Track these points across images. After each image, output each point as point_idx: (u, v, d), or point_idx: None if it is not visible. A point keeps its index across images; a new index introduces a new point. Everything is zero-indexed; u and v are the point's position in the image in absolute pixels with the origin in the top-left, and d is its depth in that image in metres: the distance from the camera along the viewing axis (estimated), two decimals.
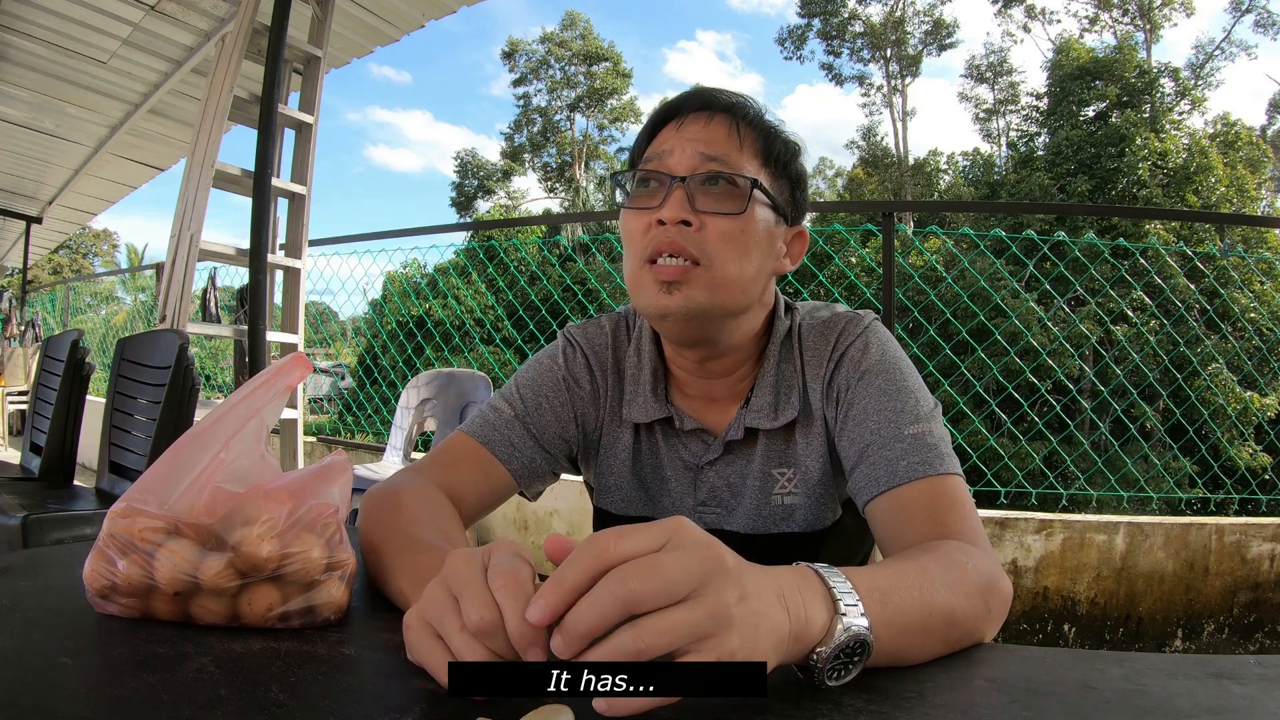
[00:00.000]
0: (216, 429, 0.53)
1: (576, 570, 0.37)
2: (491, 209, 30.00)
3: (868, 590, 0.45)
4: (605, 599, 0.36)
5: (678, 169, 0.71)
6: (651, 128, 0.77)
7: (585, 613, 0.36)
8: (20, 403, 6.22)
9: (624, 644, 0.36)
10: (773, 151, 0.74)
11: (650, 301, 0.71)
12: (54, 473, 2.15)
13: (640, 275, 0.72)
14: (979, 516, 0.66)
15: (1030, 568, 2.44)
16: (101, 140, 5.40)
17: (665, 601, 0.36)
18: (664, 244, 0.69)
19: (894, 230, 2.68)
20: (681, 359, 0.79)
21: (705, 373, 0.79)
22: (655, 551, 0.38)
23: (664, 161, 0.72)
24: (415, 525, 0.62)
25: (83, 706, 0.38)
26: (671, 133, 0.74)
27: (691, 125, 0.73)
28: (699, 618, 0.36)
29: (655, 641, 0.36)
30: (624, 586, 0.36)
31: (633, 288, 0.74)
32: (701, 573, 0.37)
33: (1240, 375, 9.79)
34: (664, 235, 0.70)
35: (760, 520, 0.79)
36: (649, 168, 0.73)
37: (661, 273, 0.70)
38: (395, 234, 3.98)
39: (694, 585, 0.37)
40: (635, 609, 0.36)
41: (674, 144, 0.73)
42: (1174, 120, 18.36)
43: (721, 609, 0.37)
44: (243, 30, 2.88)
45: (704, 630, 0.36)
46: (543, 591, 0.38)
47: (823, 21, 26.88)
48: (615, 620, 0.36)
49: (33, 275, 11.47)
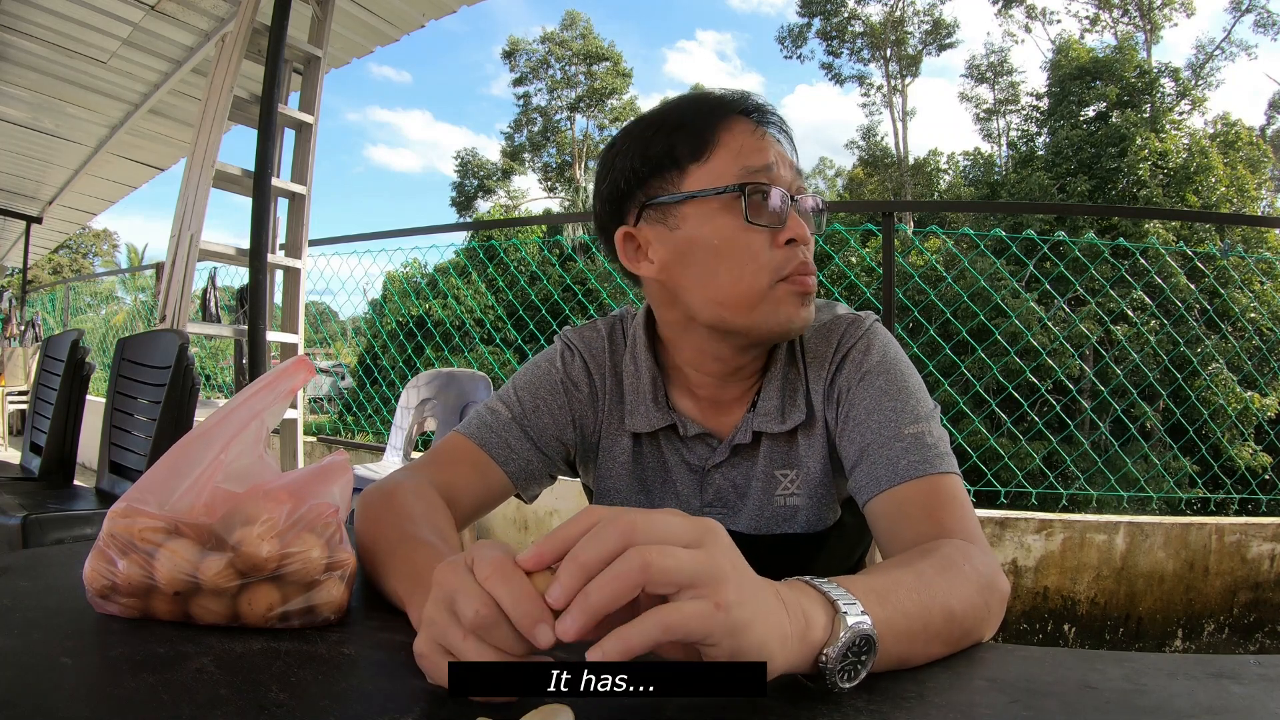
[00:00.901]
0: (218, 430, 0.53)
1: (572, 527, 0.39)
2: (492, 209, 30.01)
3: (864, 593, 0.45)
4: (607, 532, 0.37)
5: (792, 188, 0.72)
6: (712, 120, 0.72)
7: (586, 545, 0.37)
8: (20, 403, 6.22)
9: (630, 559, 0.36)
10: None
11: (788, 317, 0.72)
12: (54, 473, 2.15)
13: (772, 292, 0.71)
14: (976, 515, 0.66)
15: (1030, 568, 2.44)
16: (101, 140, 5.41)
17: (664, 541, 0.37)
18: (803, 264, 0.72)
19: (894, 230, 2.68)
20: (715, 364, 0.77)
21: (734, 376, 0.78)
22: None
23: (776, 174, 0.71)
24: (411, 523, 0.62)
25: (83, 706, 0.38)
26: (757, 140, 0.72)
27: (768, 135, 0.73)
28: (698, 559, 0.37)
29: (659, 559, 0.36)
30: (622, 519, 0.38)
31: (751, 304, 0.71)
32: (698, 531, 0.39)
33: (1240, 375, 9.79)
34: (799, 255, 0.72)
35: (763, 521, 0.79)
36: (766, 180, 0.70)
37: (805, 285, 0.72)
38: (395, 234, 3.98)
39: (691, 539, 0.38)
40: (636, 541, 0.37)
41: (773, 156, 0.72)
42: (1174, 120, 18.37)
43: (719, 562, 0.38)
44: (243, 30, 2.88)
45: (704, 574, 0.37)
46: (538, 543, 0.39)
47: (822, 21, 26.89)
48: (616, 552, 0.37)
49: (33, 275, 11.47)
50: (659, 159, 0.72)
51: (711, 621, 0.36)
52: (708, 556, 0.37)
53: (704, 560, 0.37)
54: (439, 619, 0.41)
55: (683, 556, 0.36)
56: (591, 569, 0.36)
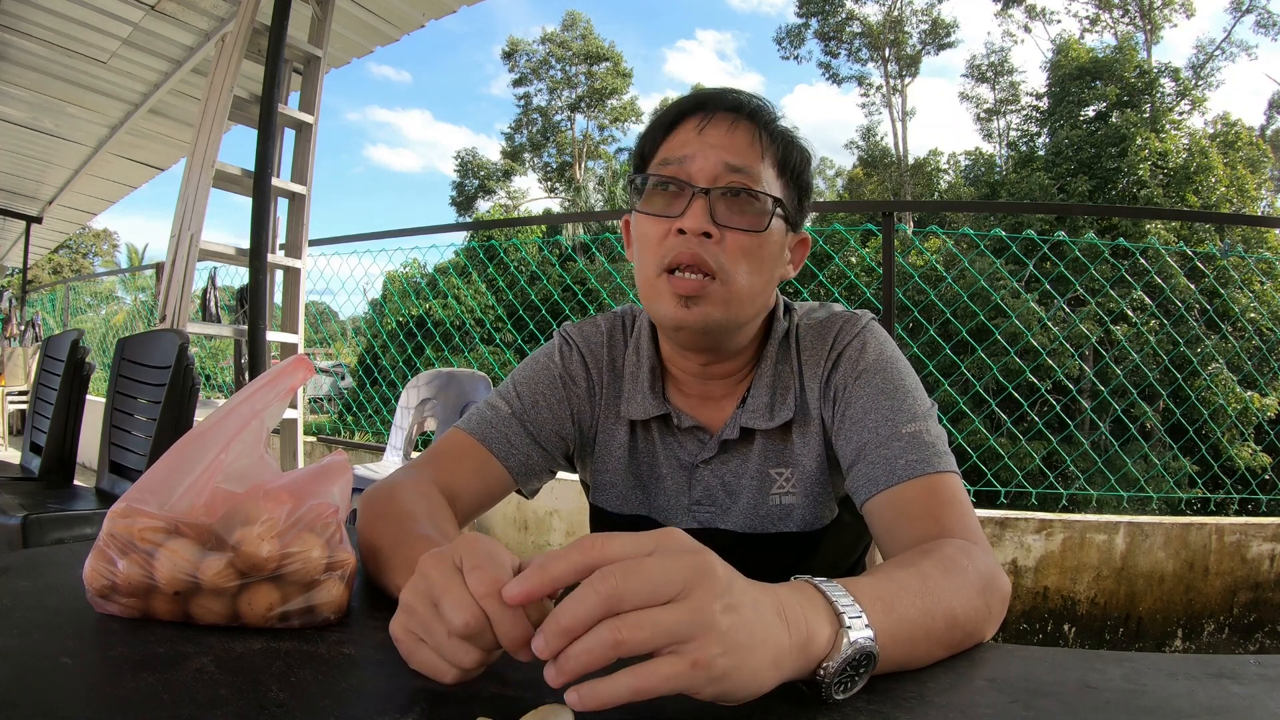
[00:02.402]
0: (217, 430, 0.53)
1: (562, 563, 0.38)
2: (492, 209, 30.01)
3: (870, 600, 0.45)
4: (588, 595, 0.36)
5: (700, 177, 0.70)
6: (669, 123, 0.74)
7: (568, 609, 0.36)
8: (20, 403, 6.22)
9: (601, 635, 0.36)
10: (790, 161, 0.73)
11: (667, 313, 0.71)
12: (54, 473, 2.15)
13: (657, 284, 0.71)
14: (976, 514, 0.66)
15: (1030, 568, 2.44)
16: (101, 140, 5.40)
17: (648, 602, 0.36)
18: (684, 255, 0.69)
19: (894, 230, 2.68)
20: (684, 361, 0.79)
21: (706, 374, 0.79)
22: (643, 555, 0.38)
23: (685, 167, 0.71)
24: (412, 521, 0.62)
25: (83, 706, 0.38)
26: (692, 135, 0.72)
27: (714, 130, 0.71)
28: (679, 619, 0.36)
29: (632, 635, 0.35)
30: (606, 583, 0.36)
31: (647, 294, 0.73)
32: (687, 577, 0.37)
33: (1240, 375, 9.79)
34: (684, 246, 0.69)
35: (758, 520, 0.79)
36: (669, 172, 0.71)
37: (680, 286, 0.69)
38: (395, 234, 3.98)
39: (679, 589, 0.37)
40: (618, 607, 0.36)
41: (696, 149, 0.71)
42: (1174, 120, 18.36)
43: (704, 614, 0.37)
44: (243, 30, 2.88)
45: (683, 633, 0.36)
46: (525, 575, 0.38)
47: (820, 22, 26.87)
48: (597, 618, 0.36)
49: (33, 275, 11.47)
50: (635, 161, 0.77)
51: (687, 679, 0.36)
52: (689, 611, 0.36)
53: (684, 618, 0.36)
54: (420, 610, 0.41)
55: (660, 624, 0.36)
56: (573, 632, 0.36)
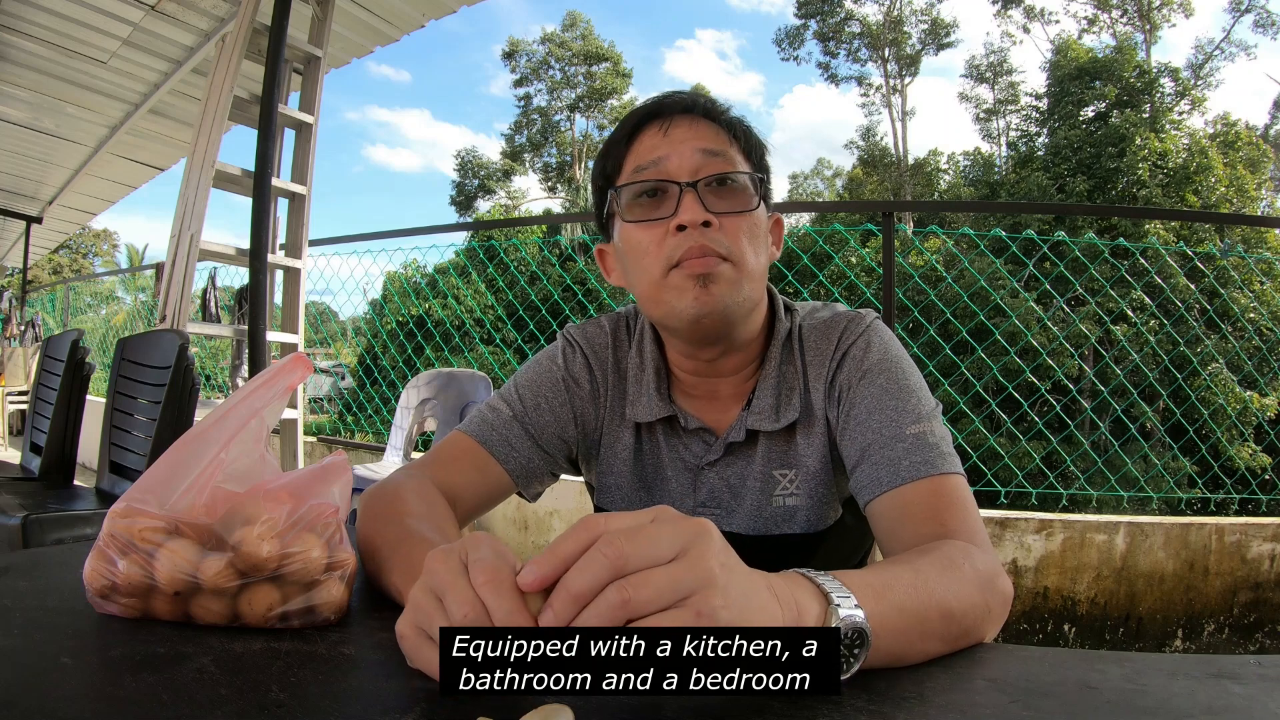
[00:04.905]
0: (217, 429, 0.53)
1: (569, 542, 0.39)
2: (492, 209, 30.00)
3: (859, 587, 0.45)
4: (595, 559, 0.37)
5: (682, 173, 0.71)
6: (628, 135, 0.75)
7: (576, 575, 0.37)
8: (20, 403, 6.22)
9: (609, 597, 0.37)
10: (751, 145, 0.76)
11: (687, 304, 0.70)
12: (54, 473, 2.15)
13: (667, 281, 0.71)
14: (980, 516, 0.66)
15: (1030, 568, 2.44)
16: (101, 140, 5.40)
17: (651, 563, 0.38)
18: (693, 248, 0.69)
19: (894, 230, 2.68)
20: (690, 361, 0.78)
21: (713, 372, 0.78)
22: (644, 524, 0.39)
23: (663, 167, 0.71)
24: (412, 521, 0.62)
25: (83, 706, 0.38)
26: (659, 139, 0.73)
27: (678, 129, 0.72)
28: (682, 574, 0.37)
29: (638, 593, 0.37)
30: (611, 547, 0.37)
31: (655, 296, 0.72)
32: (686, 539, 0.39)
33: (1240, 375, 9.79)
34: (688, 239, 0.69)
35: (761, 521, 0.78)
36: (647, 176, 0.72)
37: (695, 265, 0.69)
38: (395, 234, 3.98)
39: (679, 548, 0.38)
40: (623, 569, 0.37)
41: (668, 149, 0.71)
42: (1174, 120, 18.35)
43: (705, 569, 0.38)
44: (243, 30, 2.88)
45: (687, 586, 0.37)
46: (537, 560, 0.39)
47: (819, 22, 26.86)
48: (605, 582, 0.37)
49: (33, 275, 11.47)
50: (599, 183, 0.78)
51: (688, 581, 0.37)
52: (690, 566, 0.38)
53: (685, 573, 0.38)
54: (425, 605, 0.41)
55: (663, 582, 0.37)
56: (583, 599, 0.37)
